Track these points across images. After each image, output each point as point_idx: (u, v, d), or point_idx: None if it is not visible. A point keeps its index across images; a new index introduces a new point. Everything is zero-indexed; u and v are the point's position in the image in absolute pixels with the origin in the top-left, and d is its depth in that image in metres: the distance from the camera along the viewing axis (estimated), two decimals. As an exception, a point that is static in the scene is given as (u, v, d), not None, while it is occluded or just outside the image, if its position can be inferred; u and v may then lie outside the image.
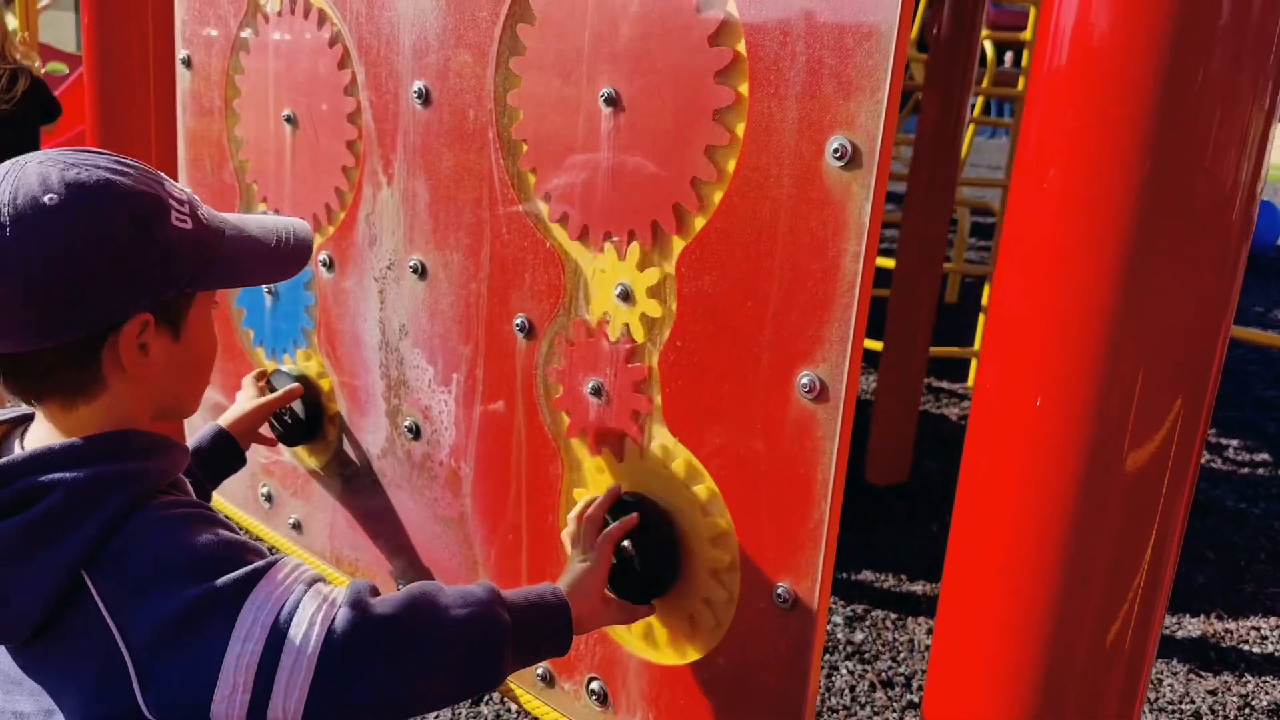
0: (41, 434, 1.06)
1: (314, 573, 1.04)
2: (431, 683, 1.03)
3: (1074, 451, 0.94)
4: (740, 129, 1.15)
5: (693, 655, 1.32)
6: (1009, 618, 0.99)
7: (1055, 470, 0.94)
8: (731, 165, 1.17)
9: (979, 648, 1.02)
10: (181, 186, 1.10)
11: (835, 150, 1.07)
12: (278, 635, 0.95)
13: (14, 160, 0.99)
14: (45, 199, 0.95)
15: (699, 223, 1.21)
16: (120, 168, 1.01)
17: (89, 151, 1.03)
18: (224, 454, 1.54)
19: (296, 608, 0.97)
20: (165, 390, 1.09)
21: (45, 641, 1.00)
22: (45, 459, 0.99)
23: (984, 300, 5.72)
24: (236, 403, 1.66)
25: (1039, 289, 0.94)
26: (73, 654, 0.99)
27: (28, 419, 1.09)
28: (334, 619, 0.98)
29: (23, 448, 1.05)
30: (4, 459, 0.99)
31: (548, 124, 1.34)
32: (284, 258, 1.17)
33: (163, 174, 1.07)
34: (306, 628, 0.96)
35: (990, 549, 1.00)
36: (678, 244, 1.24)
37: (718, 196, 1.19)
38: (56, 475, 0.98)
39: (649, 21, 1.21)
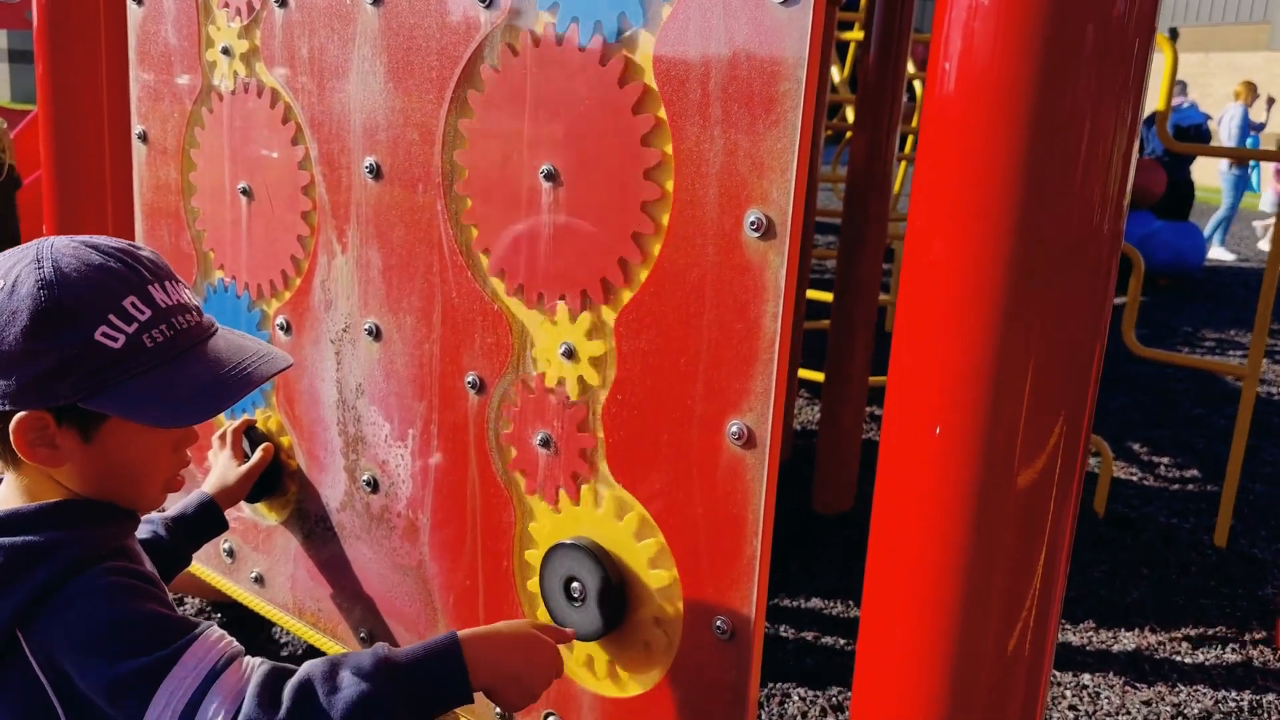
0: (3, 494, 1.15)
1: (230, 652, 1.09)
2: None
3: (971, 471, 1.05)
4: (669, 185, 1.27)
5: (643, 687, 1.42)
6: (921, 624, 1.10)
7: (955, 488, 1.06)
8: (666, 218, 1.28)
9: (895, 655, 1.13)
10: (176, 300, 1.12)
11: (752, 223, 1.19)
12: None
13: (45, 239, 1.10)
14: None
15: (642, 274, 1.32)
16: (86, 271, 1.07)
17: (93, 247, 1.10)
18: (207, 521, 1.60)
19: (203, 699, 1.04)
20: (97, 486, 1.14)
21: None
22: None
23: (922, 329, 5.87)
24: (219, 467, 1.73)
25: (931, 327, 1.06)
26: (8, 702, 1.07)
27: None
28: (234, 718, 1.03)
29: None
30: None
31: (494, 203, 1.45)
32: (207, 397, 1.13)
33: (157, 285, 1.11)
34: None
35: (901, 565, 1.11)
36: (623, 298, 1.34)
37: (656, 249, 1.30)
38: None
39: (579, 102, 1.33)
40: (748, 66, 1.17)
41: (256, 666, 1.09)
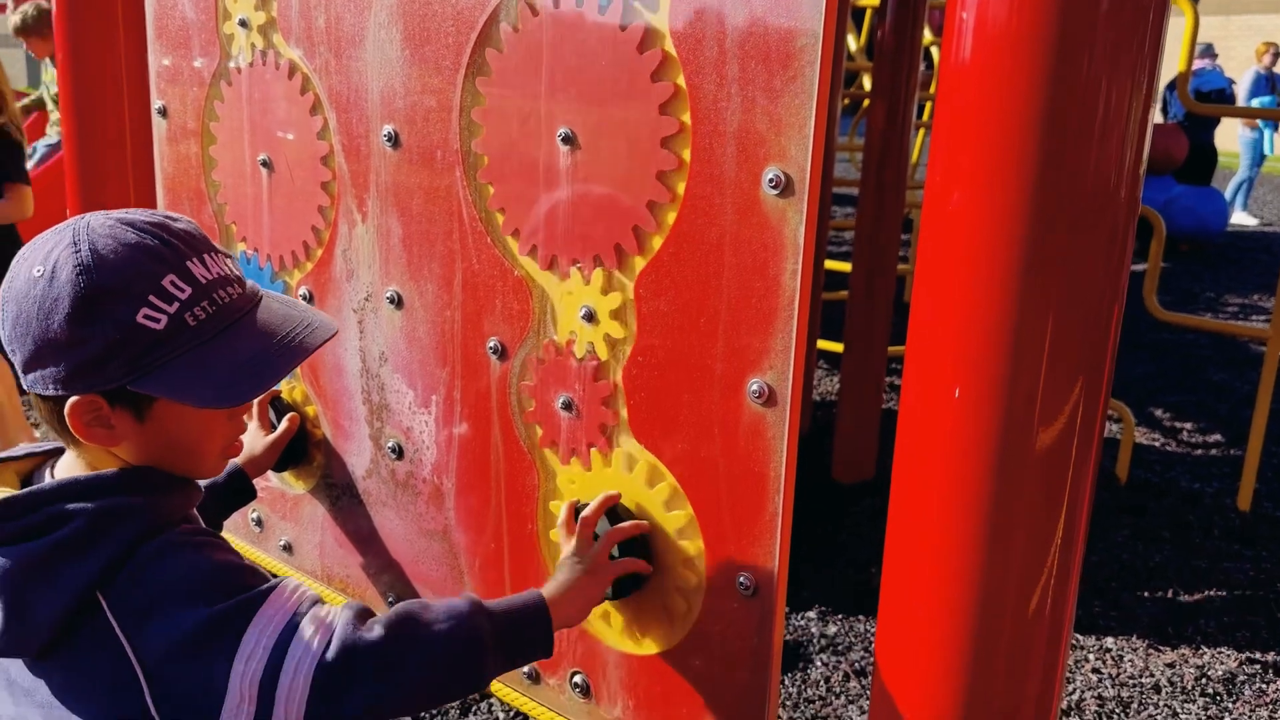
0: (68, 465, 1.17)
1: (313, 595, 1.14)
2: (416, 694, 1.13)
3: (991, 434, 1.06)
4: (686, 154, 1.27)
5: (667, 645, 1.44)
6: (942, 591, 1.11)
7: (976, 451, 1.07)
8: (681, 188, 1.29)
9: (918, 619, 1.14)
10: (217, 274, 1.13)
11: (770, 180, 1.19)
12: (277, 658, 1.06)
13: (81, 218, 1.11)
14: (34, 270, 1.08)
15: (656, 242, 1.33)
16: (123, 252, 1.08)
17: (129, 225, 1.10)
18: (238, 490, 1.63)
19: (295, 632, 1.07)
20: (157, 459, 1.16)
21: (59, 655, 1.10)
22: (71, 489, 1.10)
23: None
24: (246, 437, 1.73)
25: (949, 289, 1.07)
26: (86, 667, 1.09)
27: (59, 451, 1.20)
28: (328, 644, 1.08)
29: (53, 477, 1.17)
30: (36, 486, 1.11)
31: (511, 165, 1.46)
32: (254, 373, 1.14)
33: (196, 259, 1.11)
34: (303, 653, 1.07)
35: (921, 529, 1.12)
36: (637, 265, 1.35)
37: (671, 217, 1.30)
38: (79, 504, 1.08)
39: (597, 65, 1.33)
40: (764, 23, 1.17)
41: (343, 606, 1.14)
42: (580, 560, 1.36)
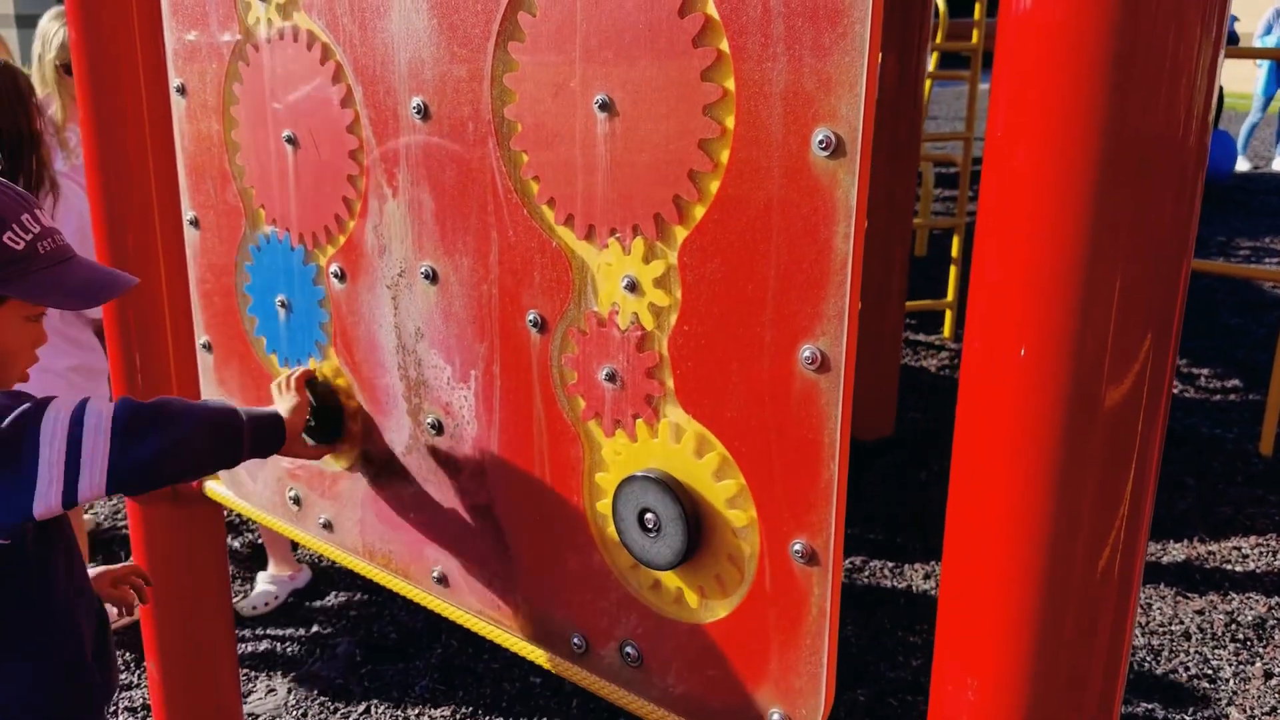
0: None
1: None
2: (194, 447, 1.50)
3: (1058, 393, 1.04)
4: (730, 121, 1.25)
5: (720, 613, 1.43)
6: (1009, 553, 1.10)
7: (1042, 412, 1.05)
8: (725, 156, 1.26)
9: (984, 586, 1.13)
10: (50, 225, 1.51)
11: (820, 142, 1.17)
12: (76, 427, 1.37)
13: None
14: None
15: (699, 212, 1.30)
16: None
17: None
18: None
19: (84, 408, 1.40)
20: None
21: None
22: None
23: (954, 252, 5.84)
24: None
25: (1014, 245, 1.04)
26: None
27: None
28: (115, 408, 1.43)
29: None
30: None
31: (545, 133, 1.43)
32: (93, 290, 1.57)
33: (39, 210, 1.52)
34: (97, 416, 1.40)
35: (988, 494, 1.11)
36: (679, 235, 1.33)
37: (714, 186, 1.28)
38: None
39: (635, 29, 1.30)
40: (811, -19, 1.14)
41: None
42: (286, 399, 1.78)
